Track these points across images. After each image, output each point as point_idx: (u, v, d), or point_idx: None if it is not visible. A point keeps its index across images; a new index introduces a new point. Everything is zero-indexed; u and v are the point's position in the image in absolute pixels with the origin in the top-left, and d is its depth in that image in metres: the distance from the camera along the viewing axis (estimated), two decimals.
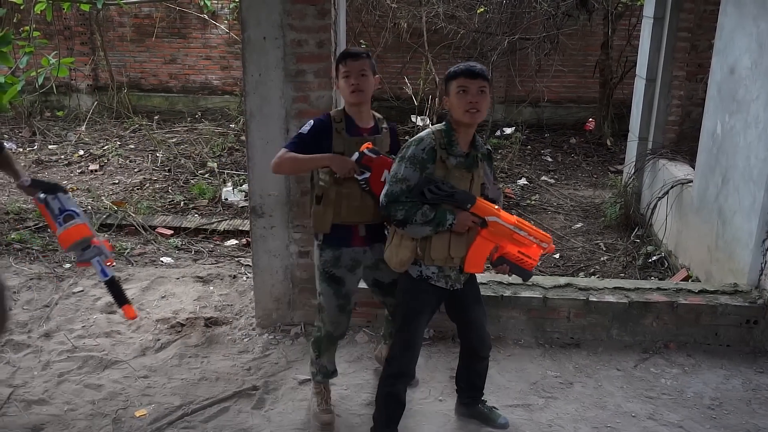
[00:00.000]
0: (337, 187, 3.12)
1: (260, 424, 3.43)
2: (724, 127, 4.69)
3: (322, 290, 3.32)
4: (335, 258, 3.23)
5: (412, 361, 3.14)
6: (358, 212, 3.14)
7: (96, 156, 8.35)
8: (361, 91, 3.11)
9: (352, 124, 3.18)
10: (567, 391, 3.76)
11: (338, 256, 3.23)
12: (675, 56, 6.06)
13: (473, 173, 2.95)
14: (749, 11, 4.40)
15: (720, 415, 3.59)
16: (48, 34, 9.96)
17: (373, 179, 3.04)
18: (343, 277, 3.26)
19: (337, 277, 3.25)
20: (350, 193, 3.12)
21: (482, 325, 3.22)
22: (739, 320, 4.13)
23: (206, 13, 10.29)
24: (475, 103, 2.82)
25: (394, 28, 9.80)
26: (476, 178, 2.97)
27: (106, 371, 3.87)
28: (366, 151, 3.03)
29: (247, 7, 3.76)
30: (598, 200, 7.20)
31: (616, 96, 9.52)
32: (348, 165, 3.04)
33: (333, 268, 3.24)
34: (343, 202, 3.14)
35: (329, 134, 3.13)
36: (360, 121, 3.19)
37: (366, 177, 3.04)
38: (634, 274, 5.42)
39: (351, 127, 3.17)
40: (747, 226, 4.27)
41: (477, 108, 2.82)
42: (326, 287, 3.29)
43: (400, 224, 2.86)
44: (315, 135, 3.13)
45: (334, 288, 3.27)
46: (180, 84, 10.99)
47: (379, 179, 3.03)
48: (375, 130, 3.24)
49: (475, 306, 3.19)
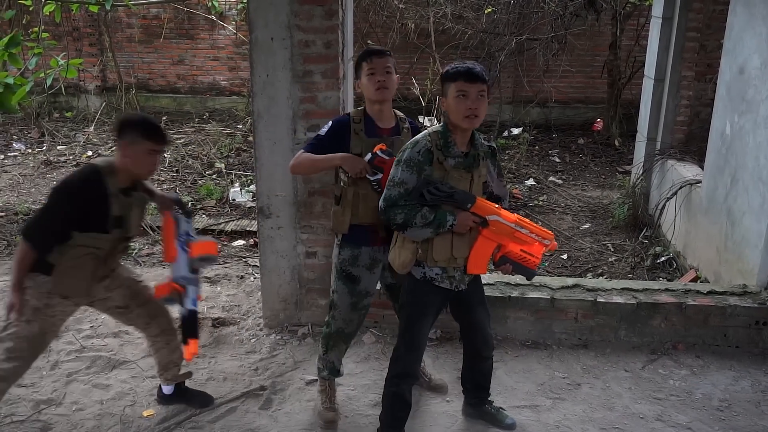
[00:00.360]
0: (354, 187, 3.13)
1: (267, 425, 3.43)
2: (733, 127, 4.67)
3: (336, 288, 3.33)
4: (353, 257, 3.24)
5: (417, 361, 3.14)
6: (376, 213, 3.11)
7: (104, 157, 8.38)
8: (386, 89, 3.11)
9: (372, 125, 3.18)
10: (575, 392, 3.75)
11: (357, 255, 3.24)
12: (684, 56, 6.04)
13: (473, 173, 2.94)
14: (759, 11, 4.38)
15: (729, 417, 3.57)
16: (57, 35, 10.01)
17: (384, 180, 3.01)
18: (360, 275, 3.27)
19: (353, 275, 3.26)
20: (367, 194, 3.12)
21: (486, 326, 3.21)
22: (749, 321, 4.11)
23: (214, 14, 10.33)
24: (474, 108, 2.80)
25: (402, 28, 9.80)
26: (476, 177, 2.96)
27: (114, 371, 3.88)
28: (379, 152, 3.03)
29: (254, 8, 3.77)
30: (606, 201, 7.17)
31: (625, 96, 9.49)
32: (359, 165, 3.04)
33: (350, 266, 3.25)
34: (360, 203, 3.15)
35: (347, 134, 3.14)
36: (380, 121, 3.20)
37: (378, 178, 3.04)
38: (642, 274, 5.40)
39: (371, 127, 3.17)
40: (756, 226, 4.25)
41: (476, 114, 2.81)
42: (341, 285, 3.30)
43: (401, 228, 2.86)
44: (333, 135, 3.15)
45: (350, 286, 3.28)
46: (188, 85, 11.03)
47: None
48: (396, 130, 3.24)
49: (479, 307, 3.18)
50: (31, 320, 3.02)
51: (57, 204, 2.97)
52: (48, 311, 3.05)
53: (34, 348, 3.09)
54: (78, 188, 2.97)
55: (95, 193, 2.97)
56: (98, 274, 3.11)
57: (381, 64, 3.10)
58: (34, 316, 3.02)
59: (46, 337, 3.12)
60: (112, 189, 3.00)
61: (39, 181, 7.52)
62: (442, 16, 9.24)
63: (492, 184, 3.06)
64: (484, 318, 3.20)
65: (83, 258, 3.01)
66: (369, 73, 3.11)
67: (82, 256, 3.00)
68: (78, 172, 3.06)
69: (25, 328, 3.02)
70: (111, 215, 3.01)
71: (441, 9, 9.23)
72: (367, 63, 3.11)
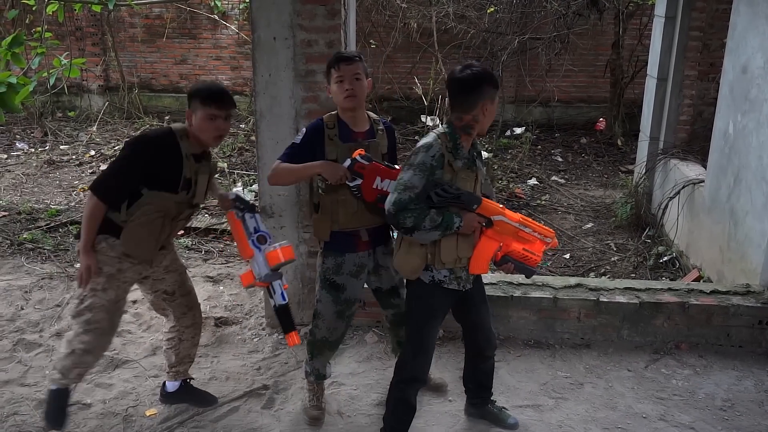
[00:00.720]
0: (332, 194, 3.08)
1: (270, 424, 3.43)
2: (736, 126, 4.66)
3: (320, 297, 3.28)
4: (337, 265, 3.20)
5: (425, 365, 3.11)
6: (357, 218, 3.11)
7: (107, 156, 8.40)
8: (354, 96, 3.03)
9: (346, 129, 3.11)
10: (577, 391, 3.75)
11: (341, 263, 3.20)
12: (686, 55, 6.03)
13: (476, 172, 2.94)
14: (762, 10, 4.37)
15: (732, 417, 3.56)
16: (60, 35, 10.02)
17: (365, 186, 2.99)
18: (345, 283, 3.22)
19: (337, 284, 3.22)
20: (346, 199, 3.08)
21: (488, 325, 3.21)
22: (752, 321, 4.10)
23: (216, 13, 10.33)
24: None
25: (404, 28, 9.80)
26: (479, 176, 2.97)
27: (116, 370, 3.88)
28: (358, 158, 2.97)
29: (257, 8, 3.77)
30: (608, 200, 7.17)
31: (627, 96, 9.48)
32: (339, 172, 2.98)
33: (334, 275, 3.21)
34: (339, 210, 3.10)
35: (322, 140, 3.08)
36: (354, 125, 3.13)
37: (358, 184, 2.99)
38: (645, 274, 5.40)
39: (345, 132, 3.11)
40: (759, 226, 4.24)
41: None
42: (325, 294, 3.25)
43: (409, 231, 2.81)
44: (308, 143, 3.09)
45: (334, 295, 3.24)
46: (190, 84, 11.00)
47: (371, 186, 2.99)
48: (370, 133, 3.17)
49: (482, 306, 3.18)
50: (106, 288, 3.03)
51: (130, 156, 2.96)
52: (121, 277, 3.06)
53: (111, 317, 3.11)
54: (153, 143, 2.99)
55: (169, 152, 2.99)
56: (162, 237, 3.07)
57: (349, 71, 3.02)
58: (109, 283, 3.03)
59: (119, 304, 3.14)
60: (185, 150, 3.02)
61: (42, 180, 7.53)
62: (445, 15, 9.23)
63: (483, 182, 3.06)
64: (487, 317, 3.20)
65: (151, 217, 2.99)
66: (337, 80, 3.03)
67: (150, 215, 2.98)
68: (154, 129, 3.10)
69: (102, 297, 3.03)
70: (183, 176, 3.02)
71: (443, 8, 9.22)
72: (335, 70, 3.03)
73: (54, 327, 4.31)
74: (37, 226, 5.95)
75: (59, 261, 5.29)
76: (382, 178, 2.99)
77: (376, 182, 2.98)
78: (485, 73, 2.79)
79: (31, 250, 5.48)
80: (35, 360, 3.96)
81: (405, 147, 8.89)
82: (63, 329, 4.27)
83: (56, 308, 4.55)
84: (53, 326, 4.32)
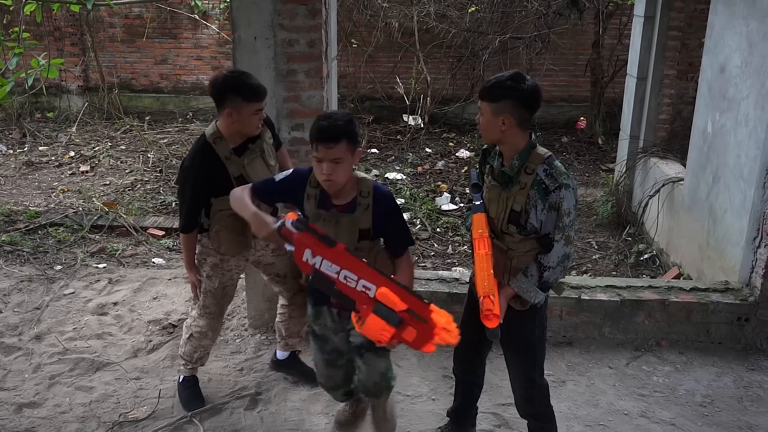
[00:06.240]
0: None
1: (253, 425, 3.42)
2: (714, 125, 4.71)
3: (311, 343, 3.07)
4: (316, 313, 2.93)
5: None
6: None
7: (87, 157, 8.32)
8: (333, 182, 2.62)
9: (325, 196, 2.74)
10: (559, 389, 3.77)
11: (318, 313, 2.91)
12: (666, 55, 6.08)
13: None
14: (739, 10, 4.42)
15: (712, 413, 3.60)
16: (38, 35, 9.89)
17: (296, 256, 2.46)
18: (326, 335, 2.94)
19: (317, 334, 2.97)
20: None
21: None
22: (731, 318, 4.15)
23: (197, 13, 10.26)
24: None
25: (386, 27, 9.79)
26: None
27: (97, 373, 3.85)
28: (287, 223, 2.47)
29: (237, 7, 3.75)
30: (590, 198, 7.21)
31: (608, 95, 9.54)
32: (264, 231, 2.57)
33: (313, 323, 2.96)
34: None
35: (302, 193, 2.76)
36: (335, 197, 2.73)
37: (291, 251, 2.48)
38: (626, 272, 5.44)
39: (323, 198, 2.74)
40: (738, 224, 4.29)
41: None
42: (312, 341, 3.04)
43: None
44: (285, 186, 2.80)
45: (319, 344, 2.99)
46: (171, 84, 10.94)
47: (301, 258, 2.45)
48: (351, 207, 2.73)
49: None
50: (211, 275, 3.37)
51: (183, 188, 3.26)
52: (224, 265, 3.36)
53: (218, 302, 3.46)
54: (193, 167, 3.19)
55: (209, 164, 3.17)
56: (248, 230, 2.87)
57: (329, 155, 2.56)
58: (213, 271, 3.36)
59: (226, 290, 3.46)
60: (223, 153, 3.17)
61: (21, 182, 7.44)
62: (426, 15, 9.25)
63: None
64: None
65: (227, 220, 3.19)
66: (317, 159, 2.61)
67: (225, 218, 3.19)
68: (190, 150, 3.30)
69: (209, 285, 3.40)
70: (231, 177, 3.17)
71: (425, 8, 9.23)
72: (314, 149, 2.60)
73: (33, 330, 4.26)
74: (16, 228, 5.88)
75: (38, 263, 5.23)
76: (314, 254, 2.44)
77: (306, 255, 2.44)
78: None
79: (10, 252, 5.41)
80: (14, 364, 3.92)
81: (387, 146, 8.90)
82: (42, 332, 4.23)
83: (35, 311, 4.50)
84: (32, 329, 4.27)
